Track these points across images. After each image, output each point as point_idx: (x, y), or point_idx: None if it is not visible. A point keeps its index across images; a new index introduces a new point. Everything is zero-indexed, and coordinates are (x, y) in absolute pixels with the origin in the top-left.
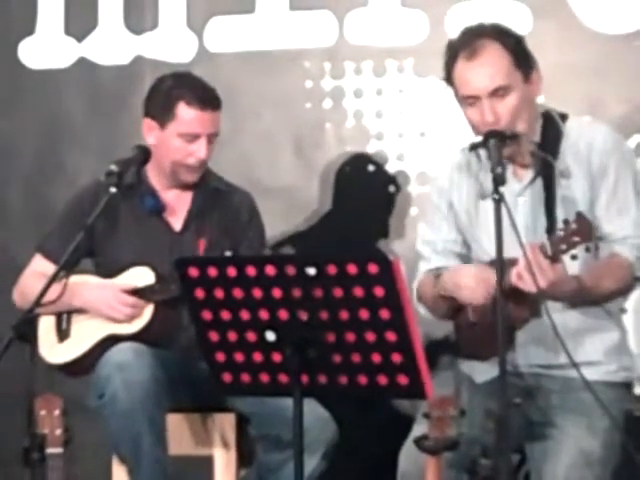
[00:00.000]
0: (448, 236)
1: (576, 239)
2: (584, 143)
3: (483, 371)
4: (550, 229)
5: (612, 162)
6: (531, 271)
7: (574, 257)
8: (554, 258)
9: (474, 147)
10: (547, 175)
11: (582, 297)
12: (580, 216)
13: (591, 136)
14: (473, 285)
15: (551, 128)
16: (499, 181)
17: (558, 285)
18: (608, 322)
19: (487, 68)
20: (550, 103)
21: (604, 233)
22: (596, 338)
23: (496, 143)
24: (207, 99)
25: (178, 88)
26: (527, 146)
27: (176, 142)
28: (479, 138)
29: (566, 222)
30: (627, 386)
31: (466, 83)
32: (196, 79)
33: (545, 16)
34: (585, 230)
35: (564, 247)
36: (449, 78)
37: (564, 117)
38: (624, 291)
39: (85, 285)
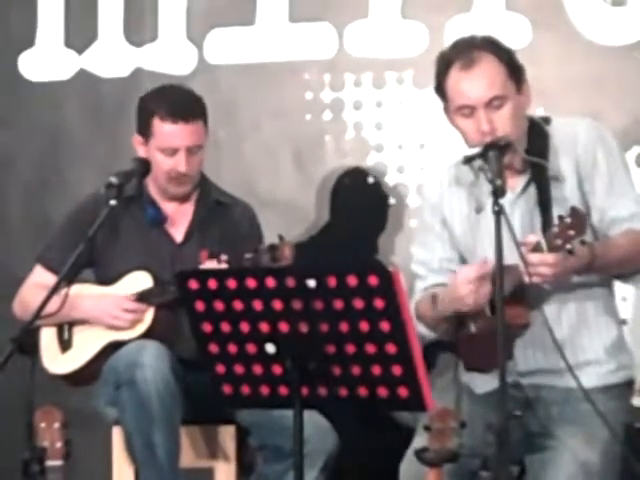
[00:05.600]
0: (443, 254)
1: (571, 233)
2: (568, 139)
3: (483, 382)
4: (546, 229)
5: (599, 152)
6: (528, 270)
7: (570, 252)
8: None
9: (469, 160)
10: (540, 179)
11: (596, 264)
12: (574, 210)
13: (574, 130)
14: (473, 289)
15: (537, 133)
16: (499, 192)
17: (564, 265)
18: (605, 320)
19: (483, 78)
20: (549, 114)
21: (610, 218)
22: (594, 336)
23: (496, 154)
24: (180, 112)
25: (153, 103)
26: (520, 155)
27: (158, 157)
28: (473, 151)
29: (561, 217)
30: (628, 385)
31: (462, 93)
32: (176, 91)
33: (544, 28)
34: (580, 223)
35: (560, 242)
36: (440, 89)
37: (547, 120)
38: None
39: (85, 296)
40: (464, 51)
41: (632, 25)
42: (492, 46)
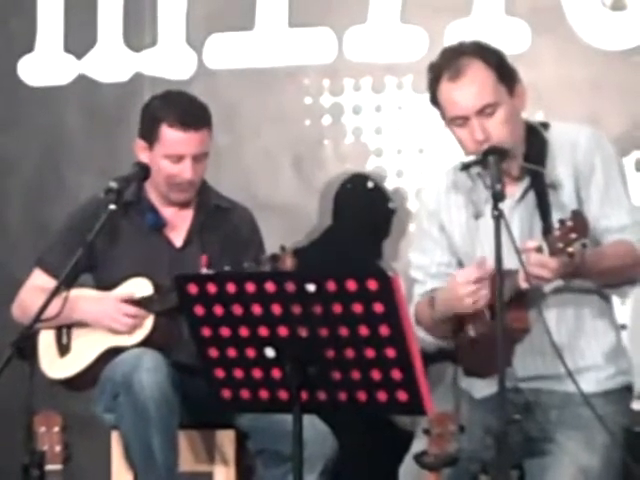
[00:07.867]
0: (441, 259)
1: (573, 236)
2: (568, 145)
3: (482, 387)
4: (546, 234)
5: (597, 160)
6: (528, 276)
7: (571, 255)
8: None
9: (466, 167)
10: (538, 186)
11: (583, 270)
12: (575, 213)
13: (574, 137)
14: (473, 289)
15: (535, 139)
16: (499, 198)
17: (563, 269)
18: (603, 325)
19: (472, 87)
20: (549, 119)
21: (603, 228)
22: (592, 342)
23: (495, 160)
24: (189, 120)
25: (162, 109)
26: (517, 160)
27: (163, 163)
28: (470, 158)
29: (562, 221)
30: (627, 390)
31: (453, 104)
32: (183, 98)
33: (544, 32)
34: (581, 226)
35: (561, 245)
36: (434, 100)
37: (545, 126)
38: (628, 271)
39: (84, 298)
40: (451, 60)
41: (631, 30)
42: (480, 51)
